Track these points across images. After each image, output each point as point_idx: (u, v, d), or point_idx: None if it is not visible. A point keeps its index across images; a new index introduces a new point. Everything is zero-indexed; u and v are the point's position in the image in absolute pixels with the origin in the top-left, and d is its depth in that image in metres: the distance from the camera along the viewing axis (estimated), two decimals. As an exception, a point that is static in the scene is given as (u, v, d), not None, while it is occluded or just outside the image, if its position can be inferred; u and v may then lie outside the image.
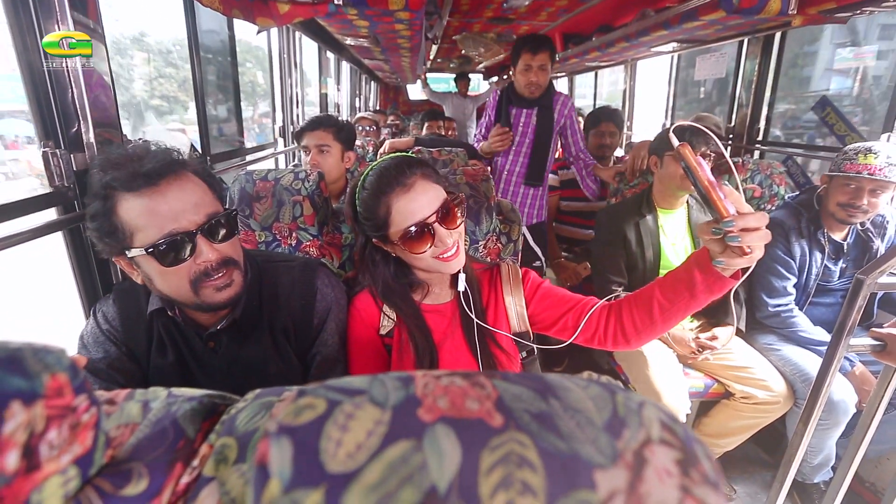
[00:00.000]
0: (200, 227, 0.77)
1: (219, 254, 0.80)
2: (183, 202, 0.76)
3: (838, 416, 1.48)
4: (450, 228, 0.91)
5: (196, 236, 0.77)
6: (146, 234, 0.74)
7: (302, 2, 1.68)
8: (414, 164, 0.91)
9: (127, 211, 0.74)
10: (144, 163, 0.74)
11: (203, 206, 0.78)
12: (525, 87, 2.14)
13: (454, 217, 0.92)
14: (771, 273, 1.68)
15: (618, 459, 0.22)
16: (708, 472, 0.23)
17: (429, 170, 0.93)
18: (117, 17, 6.50)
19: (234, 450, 0.32)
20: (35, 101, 1.00)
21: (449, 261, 0.92)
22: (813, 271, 1.67)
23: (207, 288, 0.80)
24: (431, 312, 1.03)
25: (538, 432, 0.23)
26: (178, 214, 0.75)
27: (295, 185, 1.27)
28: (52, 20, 0.97)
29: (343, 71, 4.79)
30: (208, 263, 0.79)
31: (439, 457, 0.21)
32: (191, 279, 0.78)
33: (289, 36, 2.78)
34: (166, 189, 0.75)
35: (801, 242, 1.65)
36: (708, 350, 1.64)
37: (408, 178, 0.88)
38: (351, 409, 0.23)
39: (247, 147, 2.36)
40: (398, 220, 0.89)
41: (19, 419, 0.24)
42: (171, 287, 0.79)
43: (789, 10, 1.74)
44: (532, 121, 2.22)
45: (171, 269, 0.76)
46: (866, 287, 1.03)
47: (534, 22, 3.54)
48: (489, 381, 0.26)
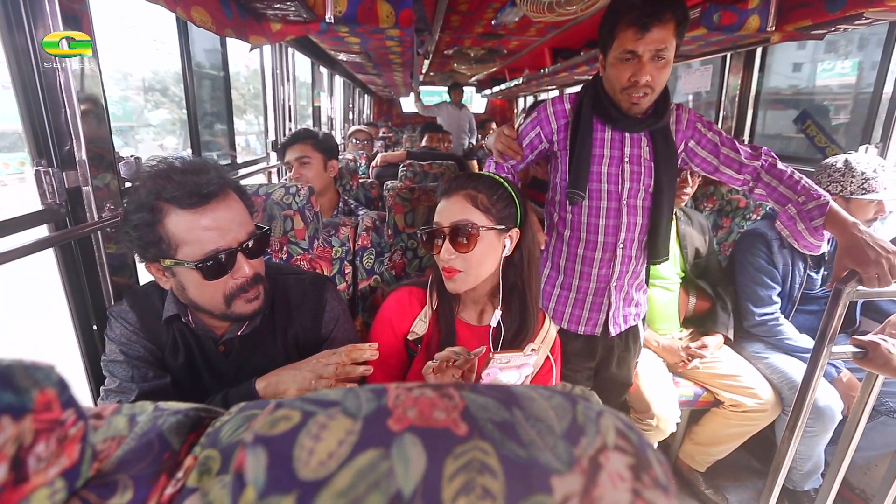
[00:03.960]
0: (242, 244, 0.82)
1: (253, 269, 0.85)
2: (228, 220, 0.80)
3: (825, 422, 1.50)
4: (457, 250, 0.95)
5: (236, 253, 0.81)
6: (192, 248, 0.78)
7: (294, 20, 1.71)
8: (467, 182, 0.99)
9: (176, 225, 0.77)
10: (200, 181, 0.77)
11: (244, 225, 0.83)
12: (624, 95, 1.14)
13: (466, 244, 0.95)
14: (755, 283, 1.71)
15: (574, 465, 0.23)
16: (659, 476, 0.24)
17: (485, 196, 0.97)
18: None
19: (217, 461, 0.33)
20: (28, 121, 1.01)
21: (447, 277, 0.98)
22: (797, 280, 1.70)
23: (240, 300, 0.85)
24: (464, 328, 1.05)
25: (500, 440, 0.24)
26: (224, 233, 0.79)
27: (286, 200, 1.28)
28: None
29: (336, 85, 4.84)
30: (245, 279, 0.83)
31: (406, 464, 0.22)
32: (226, 293, 0.83)
33: (281, 51, 2.82)
34: (216, 207, 0.79)
35: (784, 252, 1.69)
36: (697, 358, 1.66)
37: (454, 189, 0.98)
38: (324, 419, 0.24)
39: (238, 162, 2.37)
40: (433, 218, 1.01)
41: (8, 433, 0.25)
42: (205, 297, 0.83)
43: (768, 27, 1.80)
44: (643, 153, 1.22)
45: (211, 283, 0.81)
46: (846, 295, 1.06)
47: (523, 37, 3.61)
48: (458, 392, 0.27)
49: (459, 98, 5.78)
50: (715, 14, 1.79)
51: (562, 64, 3.67)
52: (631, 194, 1.22)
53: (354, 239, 1.45)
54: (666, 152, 1.20)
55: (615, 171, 1.21)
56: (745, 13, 1.79)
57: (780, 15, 1.79)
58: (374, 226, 1.49)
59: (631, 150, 1.21)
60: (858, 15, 1.48)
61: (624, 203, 1.22)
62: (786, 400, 1.59)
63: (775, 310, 1.71)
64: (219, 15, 1.32)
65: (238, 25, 1.46)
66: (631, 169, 1.21)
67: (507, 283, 1.01)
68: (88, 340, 1.13)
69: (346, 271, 1.41)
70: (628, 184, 1.21)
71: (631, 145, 1.21)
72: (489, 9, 2.88)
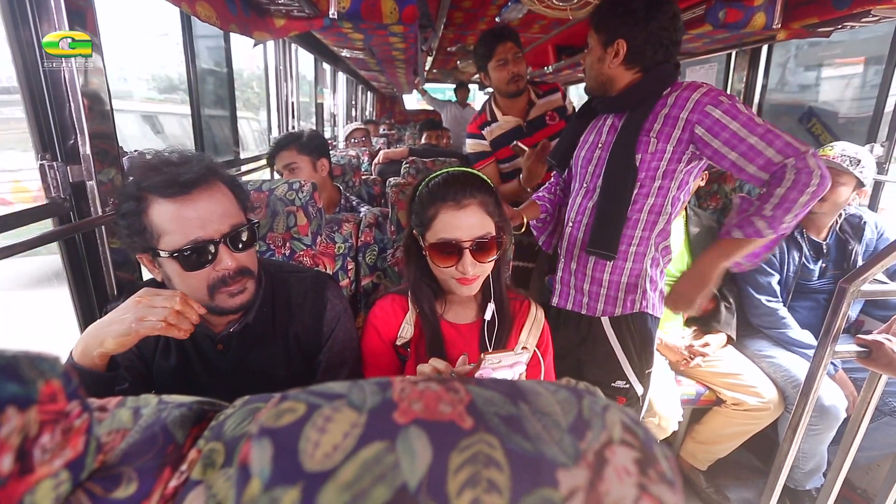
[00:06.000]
0: (224, 236, 0.81)
1: (237, 263, 0.84)
2: (210, 211, 0.80)
3: (829, 421, 1.49)
4: (479, 261, 0.93)
5: (219, 245, 0.80)
6: (173, 238, 0.78)
7: (297, 16, 1.71)
8: (478, 189, 0.93)
9: (158, 214, 0.78)
10: (181, 170, 0.78)
11: (228, 217, 0.82)
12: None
13: (487, 253, 0.94)
14: (756, 270, 1.71)
15: (580, 459, 0.23)
16: (665, 472, 0.24)
17: (490, 201, 0.95)
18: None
19: (221, 454, 0.33)
20: (33, 115, 1.01)
21: (463, 284, 0.95)
22: (791, 269, 1.72)
23: (222, 294, 0.83)
24: (450, 329, 1.05)
25: (506, 434, 0.24)
26: (205, 223, 0.79)
27: (289, 196, 1.28)
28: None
29: (339, 81, 4.83)
30: (227, 271, 0.82)
31: (411, 457, 0.22)
32: (208, 284, 0.82)
33: (285, 47, 2.82)
34: (197, 197, 0.79)
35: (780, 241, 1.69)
36: (699, 357, 1.66)
37: (465, 198, 0.91)
38: (329, 412, 0.24)
39: (242, 158, 2.37)
40: (438, 229, 0.93)
41: (14, 424, 0.25)
42: (189, 289, 0.82)
43: (774, 24, 1.79)
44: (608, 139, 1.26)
45: (192, 274, 0.80)
46: (850, 294, 1.05)
47: (527, 34, 3.59)
48: (463, 386, 0.27)
49: (465, 97, 5.78)
50: (720, 11, 1.78)
51: (565, 61, 3.66)
52: (588, 180, 1.31)
53: (357, 235, 1.45)
54: (622, 142, 1.20)
55: (588, 154, 1.31)
56: (751, 10, 1.78)
57: (786, 12, 1.78)
58: (377, 222, 1.49)
59: (607, 138, 1.26)
60: (866, 12, 1.47)
61: (584, 187, 1.32)
62: (788, 399, 1.59)
63: (779, 300, 1.72)
64: (223, 10, 1.32)
65: (242, 21, 1.46)
66: (600, 155, 1.27)
67: (494, 276, 1.02)
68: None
69: (349, 268, 1.41)
70: (591, 167, 1.30)
71: (608, 133, 1.27)
72: (493, 5, 2.86)
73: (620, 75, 1.19)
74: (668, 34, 1.13)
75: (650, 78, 1.17)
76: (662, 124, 1.14)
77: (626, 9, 1.12)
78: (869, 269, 1.03)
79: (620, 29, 1.14)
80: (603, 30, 1.17)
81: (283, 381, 0.96)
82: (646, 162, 1.17)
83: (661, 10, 1.11)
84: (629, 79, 1.19)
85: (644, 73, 1.17)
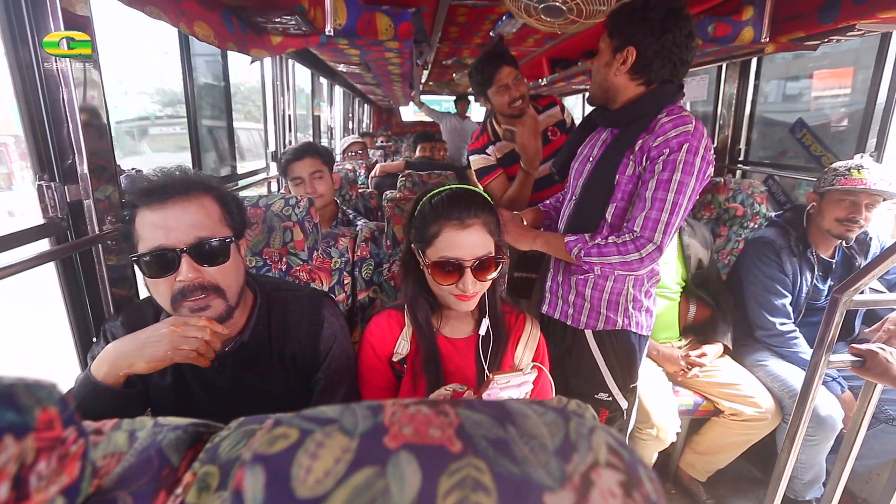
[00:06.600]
0: (189, 246, 0.80)
1: (201, 277, 0.82)
2: (178, 220, 0.80)
3: (826, 431, 1.49)
4: (479, 279, 0.94)
5: (181, 255, 0.80)
6: (144, 244, 0.80)
7: (294, 33, 1.74)
8: (482, 209, 0.95)
9: (139, 221, 0.81)
10: (166, 181, 0.81)
11: (197, 228, 0.81)
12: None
13: (487, 271, 0.95)
14: (769, 292, 1.71)
15: (566, 482, 0.24)
16: (650, 494, 0.24)
17: (493, 220, 0.97)
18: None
19: (216, 477, 0.33)
20: (31, 136, 1.02)
21: (462, 300, 0.96)
22: (804, 290, 1.71)
23: (182, 307, 0.82)
24: (447, 343, 1.05)
25: (494, 457, 0.24)
26: (170, 231, 0.80)
27: (285, 212, 1.29)
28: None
29: (336, 94, 4.88)
30: (185, 283, 0.81)
31: (401, 482, 0.23)
32: (171, 295, 0.82)
33: (282, 62, 2.85)
34: (170, 206, 0.80)
35: (793, 261, 1.69)
36: (697, 367, 1.66)
37: (469, 218, 0.92)
38: (321, 437, 0.25)
39: (239, 173, 2.38)
40: (440, 247, 0.93)
41: (11, 452, 0.25)
42: (157, 296, 0.84)
43: (762, 38, 1.82)
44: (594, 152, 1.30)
45: (153, 281, 0.82)
46: (842, 304, 1.06)
47: (521, 48, 3.64)
48: (453, 409, 0.28)
49: (465, 109, 5.73)
50: (709, 26, 1.82)
51: (559, 74, 3.71)
52: (577, 192, 1.32)
53: (353, 250, 1.46)
54: (605, 161, 1.22)
55: (580, 167, 1.33)
56: (740, 25, 1.82)
57: (773, 26, 1.82)
58: (373, 236, 1.50)
59: (598, 153, 1.28)
60: (851, 27, 1.50)
61: (573, 199, 1.34)
62: (786, 409, 1.59)
63: (791, 321, 1.71)
64: (220, 29, 1.34)
65: (239, 39, 1.48)
66: (589, 169, 1.29)
67: (489, 291, 1.03)
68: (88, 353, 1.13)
69: (346, 282, 1.41)
70: (581, 180, 1.31)
71: (599, 148, 1.28)
72: (487, 20, 2.91)
73: (624, 85, 1.18)
74: (680, 51, 1.12)
75: (650, 97, 1.16)
76: (640, 149, 1.14)
77: (644, 17, 1.11)
78: (860, 279, 1.05)
79: (634, 36, 1.12)
80: (616, 35, 1.16)
81: (280, 400, 0.96)
82: (622, 184, 1.17)
83: (678, 24, 1.09)
84: (632, 91, 1.18)
85: (647, 87, 1.17)
